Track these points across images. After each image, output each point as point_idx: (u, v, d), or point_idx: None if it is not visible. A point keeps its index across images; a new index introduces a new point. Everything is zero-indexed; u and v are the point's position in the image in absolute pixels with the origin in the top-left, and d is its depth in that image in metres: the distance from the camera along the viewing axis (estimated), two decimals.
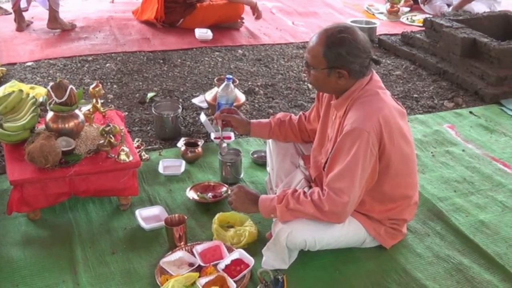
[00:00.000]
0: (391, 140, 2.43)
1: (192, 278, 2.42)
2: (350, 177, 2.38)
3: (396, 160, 2.49)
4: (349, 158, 2.37)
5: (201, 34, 5.63)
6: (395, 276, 2.59)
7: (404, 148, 2.51)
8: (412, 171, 2.65)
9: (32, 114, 2.99)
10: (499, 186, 3.31)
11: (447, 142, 3.82)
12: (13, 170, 2.77)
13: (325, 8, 6.96)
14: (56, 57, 5.05)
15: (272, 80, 4.76)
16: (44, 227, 2.86)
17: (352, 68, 2.43)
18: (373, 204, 2.58)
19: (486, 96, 4.46)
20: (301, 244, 2.51)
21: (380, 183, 2.52)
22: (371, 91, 2.48)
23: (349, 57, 2.40)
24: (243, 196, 2.62)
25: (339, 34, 2.40)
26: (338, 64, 2.42)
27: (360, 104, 2.45)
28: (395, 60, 5.34)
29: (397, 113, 2.51)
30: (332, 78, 2.46)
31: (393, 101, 2.56)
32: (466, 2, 6.29)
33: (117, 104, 4.19)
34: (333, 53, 2.40)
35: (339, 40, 2.39)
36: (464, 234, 2.87)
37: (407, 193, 2.63)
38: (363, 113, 2.41)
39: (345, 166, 2.38)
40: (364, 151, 2.36)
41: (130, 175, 2.91)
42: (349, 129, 2.38)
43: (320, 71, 2.46)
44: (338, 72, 2.43)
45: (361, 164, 2.37)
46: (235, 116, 2.93)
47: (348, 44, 2.39)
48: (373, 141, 2.37)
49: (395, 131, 2.45)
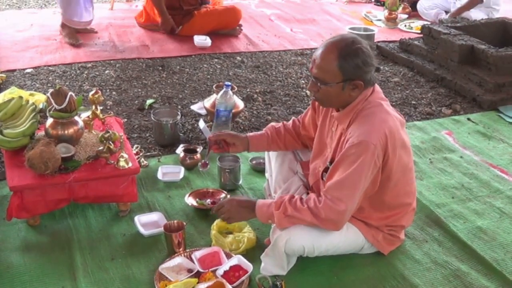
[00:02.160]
0: (394, 151, 2.44)
1: (191, 284, 2.42)
2: (351, 187, 2.38)
3: (397, 170, 2.50)
4: (352, 169, 2.36)
5: (200, 41, 5.64)
6: (393, 282, 2.60)
7: (404, 158, 2.53)
8: (411, 179, 2.66)
9: (32, 120, 3.00)
10: (497, 192, 3.33)
11: (445, 148, 3.83)
12: (13, 176, 2.78)
13: (323, 15, 6.98)
14: (56, 63, 5.05)
15: (271, 87, 4.77)
16: (43, 233, 2.86)
17: (366, 78, 2.43)
18: (371, 212, 2.59)
19: (484, 103, 4.48)
20: (300, 250, 2.51)
21: (381, 193, 2.53)
22: (375, 103, 2.48)
23: (365, 67, 2.40)
24: (236, 205, 2.61)
25: (354, 46, 2.39)
26: (355, 75, 2.40)
27: (365, 116, 2.45)
28: (393, 67, 5.36)
29: (399, 123, 2.52)
30: (346, 91, 2.44)
31: (394, 111, 2.57)
32: (464, 9, 6.31)
33: (116, 110, 4.20)
34: (350, 65, 2.38)
35: (354, 51, 2.38)
36: (462, 240, 2.88)
37: (405, 201, 2.64)
38: (369, 126, 2.41)
39: (347, 176, 2.38)
40: (368, 164, 2.37)
41: (129, 181, 2.92)
42: (356, 141, 2.38)
43: (334, 85, 2.42)
44: (353, 84, 2.42)
45: (364, 176, 2.38)
46: (229, 133, 2.90)
47: (362, 54, 2.39)
48: (378, 153, 2.38)
49: (398, 142, 2.46)
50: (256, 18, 6.70)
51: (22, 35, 5.76)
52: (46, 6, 6.99)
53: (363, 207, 2.56)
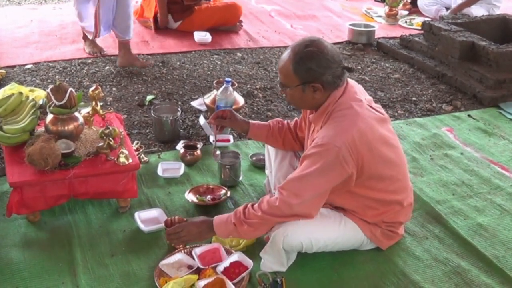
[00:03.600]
0: (370, 150, 2.43)
1: (191, 281, 2.42)
2: (307, 187, 2.39)
3: (380, 168, 2.49)
4: (311, 169, 2.38)
5: (200, 37, 5.64)
6: (393, 279, 2.60)
7: (387, 154, 2.52)
8: (401, 175, 2.64)
9: (32, 116, 2.99)
10: (498, 189, 3.32)
11: (446, 145, 3.83)
12: (13, 172, 2.78)
13: (324, 11, 6.97)
14: (56, 59, 5.05)
15: (271, 83, 4.76)
16: (43, 229, 2.86)
17: (325, 80, 2.43)
18: (365, 211, 2.59)
19: (485, 99, 4.47)
20: (298, 246, 2.52)
21: (370, 191, 2.53)
22: (345, 105, 2.47)
23: (319, 69, 2.41)
24: (194, 228, 2.60)
25: (305, 49, 2.41)
26: (310, 78, 2.43)
27: (334, 119, 2.46)
28: (393, 63, 5.35)
29: (375, 122, 2.49)
30: (308, 93, 2.47)
31: (370, 111, 2.53)
32: (465, 6, 6.30)
33: (116, 106, 4.20)
34: (303, 68, 2.41)
35: (306, 55, 2.41)
36: (462, 237, 2.88)
37: (397, 198, 2.63)
38: (337, 129, 2.41)
39: (306, 175, 2.39)
40: (331, 166, 2.37)
41: (129, 177, 2.92)
42: (320, 142, 2.40)
43: (294, 88, 2.47)
44: (312, 86, 2.44)
45: (323, 179, 2.39)
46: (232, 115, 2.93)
47: (316, 57, 2.40)
48: (344, 156, 2.36)
49: (374, 141, 2.44)
50: (256, 14, 6.69)
51: (22, 31, 5.76)
52: (46, 2, 6.98)
53: (356, 207, 2.58)
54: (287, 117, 4.10)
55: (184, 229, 2.61)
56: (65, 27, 5.91)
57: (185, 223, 2.66)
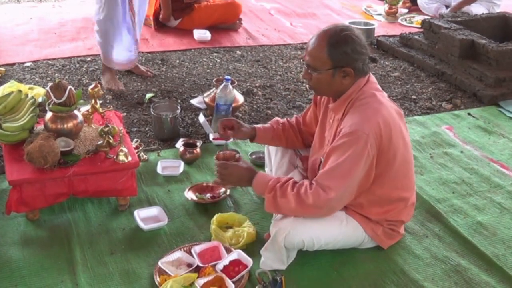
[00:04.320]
0: (390, 142, 2.44)
1: (191, 279, 2.42)
2: (341, 176, 2.38)
3: (395, 162, 2.50)
4: (342, 158, 2.37)
5: (199, 35, 5.63)
6: (393, 277, 2.60)
7: (402, 149, 2.52)
8: (409, 172, 2.66)
9: (31, 114, 2.99)
10: (497, 187, 3.32)
11: (446, 143, 3.83)
12: (12, 170, 2.77)
13: (323, 9, 6.96)
14: (55, 57, 5.04)
15: (271, 81, 4.76)
16: (42, 227, 2.86)
17: (357, 66, 2.44)
18: (371, 207, 2.58)
19: (485, 98, 4.47)
20: (299, 244, 2.51)
21: (379, 185, 2.52)
22: (369, 93, 2.49)
23: (354, 54, 2.42)
24: (239, 172, 2.58)
25: (342, 33, 2.41)
26: (344, 62, 2.43)
27: (359, 106, 2.46)
28: (393, 61, 5.34)
29: (396, 114, 2.51)
30: (337, 78, 2.46)
31: (390, 102, 2.57)
32: (465, 4, 6.29)
33: (115, 104, 4.19)
34: (338, 52, 2.41)
35: (343, 39, 2.41)
36: (462, 235, 2.88)
37: (404, 195, 2.63)
38: (363, 116, 2.42)
39: (338, 165, 2.38)
40: (360, 153, 2.37)
41: (129, 175, 2.92)
42: (348, 131, 2.39)
43: (324, 72, 2.45)
44: (343, 71, 2.44)
45: (355, 166, 2.38)
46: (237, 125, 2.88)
47: (352, 42, 2.41)
48: (371, 143, 2.37)
49: (394, 132, 2.45)
50: (256, 12, 6.68)
51: (21, 29, 5.74)
52: (45, 0, 6.96)
53: (362, 203, 2.56)
54: (287, 115, 4.09)
55: (229, 168, 2.59)
56: (65, 24, 5.90)
57: (234, 164, 2.62)
